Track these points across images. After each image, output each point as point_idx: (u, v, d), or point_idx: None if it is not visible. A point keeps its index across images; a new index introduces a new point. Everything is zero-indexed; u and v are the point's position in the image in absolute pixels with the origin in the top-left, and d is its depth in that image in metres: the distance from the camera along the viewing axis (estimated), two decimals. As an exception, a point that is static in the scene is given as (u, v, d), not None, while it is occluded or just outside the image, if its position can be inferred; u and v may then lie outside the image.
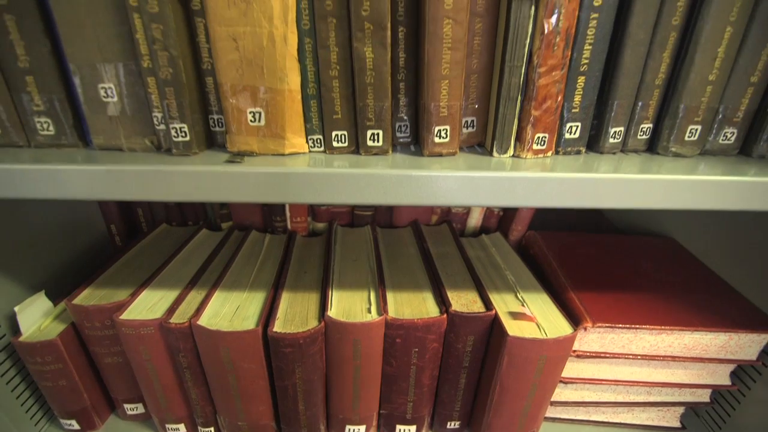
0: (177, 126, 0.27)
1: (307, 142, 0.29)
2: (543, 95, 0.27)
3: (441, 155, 0.29)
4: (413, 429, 0.43)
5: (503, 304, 0.39)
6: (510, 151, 0.29)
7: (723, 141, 0.32)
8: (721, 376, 0.41)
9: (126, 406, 0.44)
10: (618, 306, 0.39)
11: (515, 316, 0.37)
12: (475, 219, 0.55)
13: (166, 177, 0.26)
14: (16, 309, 0.38)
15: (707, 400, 0.43)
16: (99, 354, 0.40)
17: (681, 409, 0.45)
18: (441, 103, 0.27)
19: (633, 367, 0.40)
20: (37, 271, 0.45)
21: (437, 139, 0.28)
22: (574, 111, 0.29)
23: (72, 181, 0.26)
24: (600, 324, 0.37)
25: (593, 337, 0.38)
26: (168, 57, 0.25)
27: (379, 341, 0.37)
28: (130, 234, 0.55)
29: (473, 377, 0.40)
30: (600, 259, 0.48)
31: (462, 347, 0.38)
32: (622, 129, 0.31)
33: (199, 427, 0.43)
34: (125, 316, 0.36)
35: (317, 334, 0.35)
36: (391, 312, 0.37)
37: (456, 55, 0.25)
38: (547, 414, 0.45)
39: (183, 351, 0.37)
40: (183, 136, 0.27)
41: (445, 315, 0.36)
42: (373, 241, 0.48)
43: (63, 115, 0.29)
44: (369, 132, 0.28)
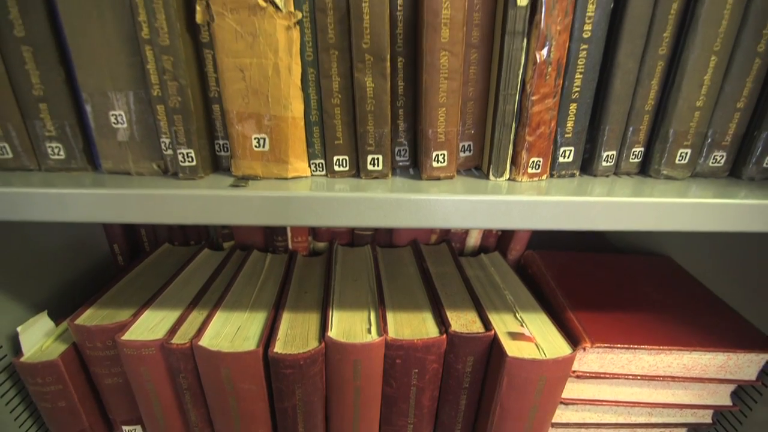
0: (184, 151, 0.28)
1: (310, 166, 0.30)
2: (536, 121, 0.28)
3: (439, 179, 0.30)
4: (414, 451, 0.42)
5: (502, 324, 0.39)
6: (506, 175, 0.30)
7: (713, 164, 0.32)
8: (722, 396, 0.41)
9: (125, 428, 0.44)
10: (616, 326, 0.40)
11: (514, 336, 0.37)
12: (474, 238, 0.55)
13: (172, 201, 0.27)
14: (18, 329, 0.38)
15: (709, 421, 0.43)
16: (99, 375, 0.40)
17: (683, 431, 0.44)
18: (438, 130, 0.28)
19: (633, 388, 0.40)
20: (40, 291, 0.45)
21: (435, 164, 0.29)
22: (567, 136, 0.30)
23: (80, 205, 0.27)
24: (598, 344, 0.37)
25: (592, 358, 0.38)
26: (177, 86, 0.26)
27: (380, 362, 0.37)
28: (132, 253, 0.55)
29: (473, 398, 0.40)
30: (598, 279, 0.48)
31: (462, 368, 0.38)
32: (614, 153, 0.32)
33: (198, 450, 0.42)
34: (127, 336, 0.37)
35: (317, 354, 0.35)
36: (391, 332, 0.37)
37: (452, 85, 0.27)
38: (549, 436, 0.45)
39: (184, 372, 0.37)
40: (190, 161, 0.28)
41: (445, 335, 0.37)
42: (373, 261, 0.49)
43: (74, 140, 0.30)
44: (369, 157, 0.29)
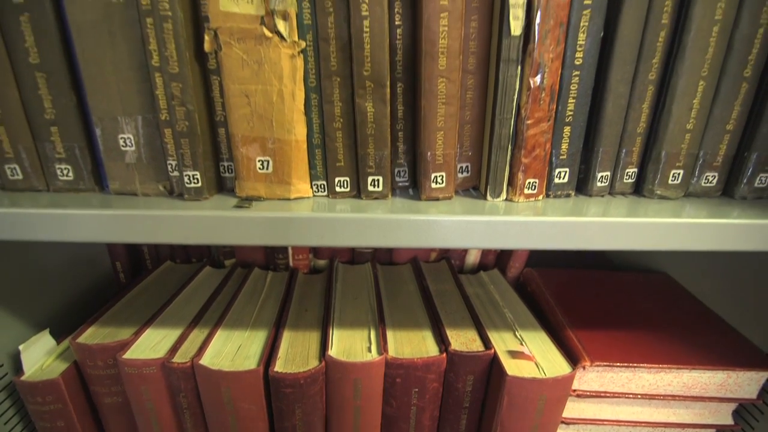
0: (190, 173, 0.29)
1: (312, 187, 0.31)
2: (532, 144, 0.29)
3: (438, 199, 0.30)
4: (414, 472, 0.42)
5: (502, 342, 0.39)
6: (503, 195, 0.31)
7: (705, 184, 0.33)
8: (724, 415, 0.41)
9: (122, 448, 0.44)
10: (616, 344, 0.40)
11: (514, 355, 0.37)
12: (474, 256, 0.56)
13: (177, 222, 0.27)
14: (20, 347, 0.39)
15: (712, 441, 0.42)
16: (99, 394, 0.40)
17: (686, 451, 0.44)
18: (437, 152, 0.29)
19: (634, 407, 0.40)
20: (42, 308, 0.45)
21: (434, 185, 0.30)
22: (561, 158, 0.31)
23: (87, 226, 0.28)
24: (598, 362, 0.37)
25: (592, 376, 0.38)
26: (185, 111, 0.27)
27: (380, 381, 0.37)
28: (134, 271, 0.56)
29: (474, 418, 0.40)
30: (597, 296, 0.48)
31: (462, 387, 0.38)
32: (608, 173, 0.32)
33: (196, 471, 0.42)
34: (128, 355, 0.37)
35: (318, 373, 0.36)
36: (392, 351, 0.37)
37: (450, 109, 0.28)
38: (551, 456, 0.44)
39: (184, 391, 0.37)
40: (195, 182, 0.29)
41: (445, 354, 0.37)
42: (374, 279, 0.49)
43: (83, 162, 0.31)
44: (370, 178, 0.30)
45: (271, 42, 0.26)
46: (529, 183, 0.30)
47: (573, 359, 0.38)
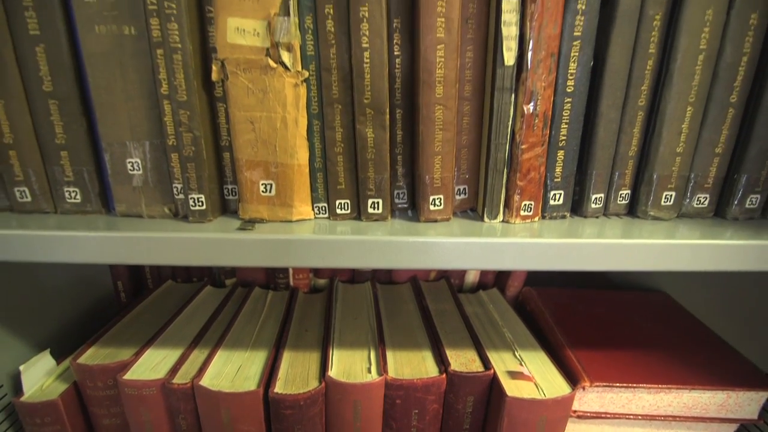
0: (195, 196, 0.30)
1: (313, 209, 0.31)
2: (527, 168, 0.30)
3: (436, 221, 0.31)
4: (415, 497, 0.41)
5: (501, 363, 0.39)
6: (499, 217, 0.31)
7: (697, 205, 0.34)
8: (726, 437, 0.40)
9: (119, 472, 0.43)
10: (615, 364, 0.40)
11: (513, 375, 0.37)
12: (473, 274, 0.56)
13: (182, 244, 0.28)
14: (21, 368, 0.39)
15: (715, 463, 0.42)
16: (98, 415, 0.40)
17: (690, 474, 0.43)
18: (435, 176, 0.30)
19: (635, 428, 0.40)
20: (43, 328, 0.46)
21: (432, 207, 0.31)
22: (556, 180, 0.32)
23: (94, 247, 0.28)
24: (597, 383, 0.37)
25: (592, 397, 0.38)
26: (192, 137, 0.28)
27: (379, 402, 0.37)
28: (135, 290, 0.56)
29: (475, 439, 0.40)
30: (595, 316, 0.49)
31: (462, 408, 0.38)
32: (602, 195, 0.33)
33: (194, 496, 0.41)
34: (128, 376, 0.37)
35: (318, 395, 0.36)
36: (391, 372, 0.37)
37: (447, 135, 0.29)
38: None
39: (183, 413, 0.37)
40: (200, 205, 0.30)
41: (445, 375, 0.37)
42: (373, 298, 0.49)
43: (90, 185, 0.32)
44: (370, 200, 0.31)
45: (276, 72, 0.27)
46: (525, 205, 0.31)
47: (572, 379, 0.38)
